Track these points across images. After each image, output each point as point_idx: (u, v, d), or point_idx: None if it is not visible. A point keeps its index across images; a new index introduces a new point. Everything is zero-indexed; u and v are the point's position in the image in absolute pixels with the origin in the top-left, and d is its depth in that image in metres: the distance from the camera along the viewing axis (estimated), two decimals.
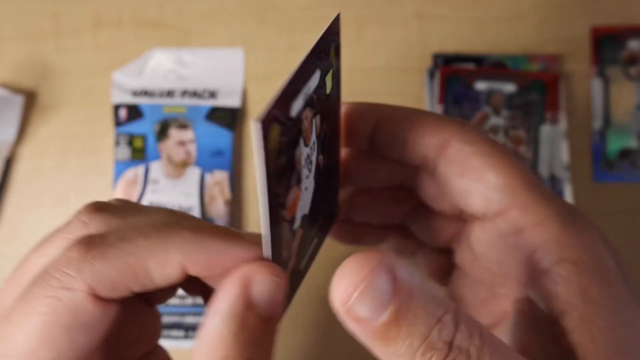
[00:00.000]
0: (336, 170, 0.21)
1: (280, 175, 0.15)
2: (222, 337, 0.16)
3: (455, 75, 0.42)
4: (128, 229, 0.18)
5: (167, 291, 0.22)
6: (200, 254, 0.17)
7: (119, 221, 0.18)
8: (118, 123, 0.41)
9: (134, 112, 0.41)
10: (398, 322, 0.14)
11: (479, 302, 0.21)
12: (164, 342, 0.39)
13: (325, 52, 0.17)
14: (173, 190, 0.40)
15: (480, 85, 0.41)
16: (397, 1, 0.44)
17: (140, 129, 0.41)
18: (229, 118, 0.41)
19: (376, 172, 0.22)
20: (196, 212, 0.40)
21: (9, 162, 0.42)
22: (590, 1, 0.44)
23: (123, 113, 0.41)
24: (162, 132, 0.41)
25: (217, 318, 0.16)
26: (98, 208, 0.19)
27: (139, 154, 0.40)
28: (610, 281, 0.17)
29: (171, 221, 0.18)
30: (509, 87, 0.41)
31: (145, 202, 0.40)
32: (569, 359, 0.16)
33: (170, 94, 0.42)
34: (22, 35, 0.44)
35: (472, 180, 0.19)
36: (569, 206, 0.19)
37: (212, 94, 0.42)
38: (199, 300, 0.39)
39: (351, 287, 0.14)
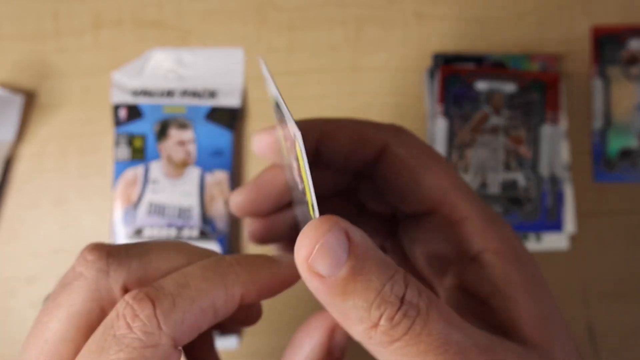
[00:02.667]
0: None
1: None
2: None
3: (455, 75, 0.41)
4: (181, 275, 0.18)
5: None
6: (255, 284, 0.18)
7: (139, 264, 0.18)
8: (118, 123, 0.41)
9: (134, 112, 0.41)
10: (354, 278, 0.16)
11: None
12: None
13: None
14: (173, 190, 0.40)
15: (481, 85, 0.41)
16: (397, 1, 0.44)
17: (140, 129, 0.41)
18: (229, 118, 0.41)
19: (323, 181, 0.24)
20: (196, 212, 0.40)
21: (9, 162, 0.42)
22: (591, 1, 0.43)
23: (123, 113, 0.41)
24: (162, 132, 0.41)
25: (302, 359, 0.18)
26: (109, 250, 0.18)
27: (139, 153, 0.40)
28: (526, 264, 0.20)
29: (214, 259, 0.19)
30: (509, 87, 0.41)
31: (145, 202, 0.40)
32: (502, 333, 0.18)
33: (170, 93, 0.42)
34: (22, 35, 0.44)
35: (406, 182, 0.21)
36: (487, 205, 0.21)
37: (212, 94, 0.42)
38: None
39: (310, 245, 0.16)
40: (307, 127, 0.22)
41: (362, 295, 0.16)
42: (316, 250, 0.16)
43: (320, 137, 0.22)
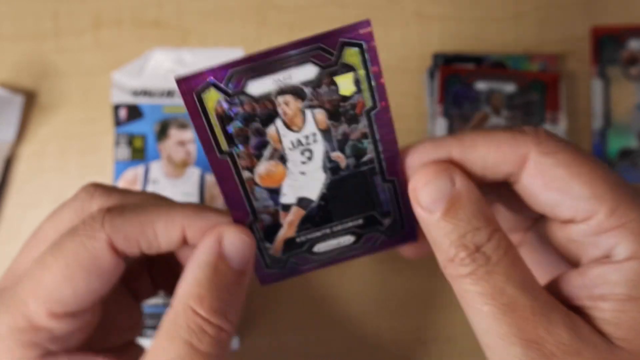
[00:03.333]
0: (391, 182, 0.22)
1: (233, 137, 0.19)
2: (198, 281, 0.20)
3: (455, 75, 0.42)
4: (139, 200, 0.22)
5: (150, 290, 0.27)
6: (199, 219, 0.21)
7: (119, 196, 0.22)
8: (118, 123, 0.41)
9: (134, 112, 0.41)
10: (445, 218, 0.19)
11: (542, 264, 0.25)
12: None
13: (328, 51, 0.18)
14: (173, 190, 0.40)
15: (480, 85, 0.41)
16: (397, 1, 0.44)
17: (140, 129, 0.41)
18: None
19: None
20: None
21: (9, 162, 0.42)
22: (591, 1, 0.44)
23: (123, 113, 0.41)
24: (162, 132, 0.41)
25: (195, 265, 0.20)
26: (100, 185, 0.23)
27: (139, 153, 0.40)
28: None
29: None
30: (509, 87, 0.41)
31: None
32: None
33: (170, 93, 0.42)
34: (22, 34, 0.44)
35: (557, 193, 0.20)
36: None
37: None
38: None
39: (420, 180, 0.20)
40: (438, 142, 0.21)
41: (448, 233, 0.19)
42: (422, 185, 0.20)
43: (456, 153, 0.21)
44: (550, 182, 0.20)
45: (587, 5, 0.43)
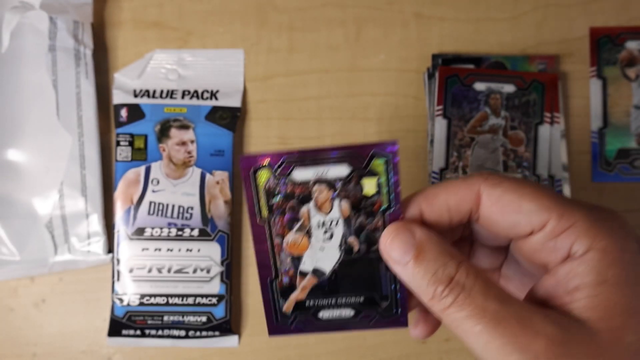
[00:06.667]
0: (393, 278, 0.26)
1: (273, 209, 0.24)
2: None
3: (454, 75, 0.42)
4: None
5: None
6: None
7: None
8: (119, 123, 0.41)
9: (135, 113, 0.41)
10: (417, 264, 0.23)
11: (523, 286, 0.28)
12: (164, 342, 0.40)
13: (360, 159, 0.23)
14: (174, 190, 0.40)
15: (479, 86, 0.42)
16: (397, 1, 0.44)
17: (141, 129, 0.41)
18: (230, 118, 0.41)
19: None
20: (197, 212, 0.40)
21: None
22: (589, 2, 0.44)
23: (124, 113, 0.41)
24: (163, 133, 0.41)
25: None
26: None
27: (140, 154, 0.41)
28: (627, 263, 0.21)
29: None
30: (508, 88, 0.42)
31: (145, 202, 0.40)
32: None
33: (171, 94, 0.42)
34: None
35: (512, 214, 0.23)
36: (593, 205, 0.23)
37: (213, 95, 0.42)
38: (199, 299, 0.40)
39: (386, 239, 0.23)
40: (409, 201, 0.25)
41: (423, 276, 0.23)
42: (388, 243, 0.23)
43: (423, 207, 0.25)
44: (504, 207, 0.23)
45: (586, 6, 0.44)
